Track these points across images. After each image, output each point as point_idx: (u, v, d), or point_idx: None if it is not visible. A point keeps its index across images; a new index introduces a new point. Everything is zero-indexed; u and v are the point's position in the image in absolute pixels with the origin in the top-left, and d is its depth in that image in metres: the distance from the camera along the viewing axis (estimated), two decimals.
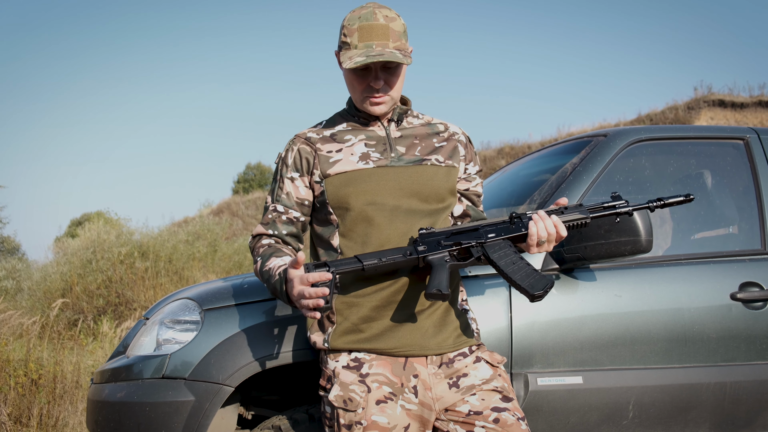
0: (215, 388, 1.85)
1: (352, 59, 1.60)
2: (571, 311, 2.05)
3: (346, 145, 1.72)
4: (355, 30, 1.63)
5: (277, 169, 1.78)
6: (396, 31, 1.64)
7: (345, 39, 1.65)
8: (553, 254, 2.11)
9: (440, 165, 1.73)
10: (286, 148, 1.77)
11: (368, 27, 1.62)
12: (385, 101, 1.69)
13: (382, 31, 1.62)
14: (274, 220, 1.75)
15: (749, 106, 19.72)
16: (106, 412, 1.96)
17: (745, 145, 2.49)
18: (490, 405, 1.60)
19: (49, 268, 9.24)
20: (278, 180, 1.77)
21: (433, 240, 1.61)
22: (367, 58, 1.58)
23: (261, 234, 1.77)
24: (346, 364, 1.62)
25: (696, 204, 2.56)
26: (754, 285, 2.21)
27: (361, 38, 1.62)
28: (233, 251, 10.83)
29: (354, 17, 1.65)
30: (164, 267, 8.60)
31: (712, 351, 2.14)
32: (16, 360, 4.34)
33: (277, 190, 1.77)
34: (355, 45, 1.63)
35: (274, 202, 1.77)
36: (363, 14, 1.65)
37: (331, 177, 1.68)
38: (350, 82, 1.70)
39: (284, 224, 1.75)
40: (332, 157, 1.70)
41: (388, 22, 1.64)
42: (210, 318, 1.94)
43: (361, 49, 1.61)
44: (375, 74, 1.65)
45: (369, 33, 1.62)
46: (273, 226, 1.75)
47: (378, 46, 1.62)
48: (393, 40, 1.63)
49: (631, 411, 2.06)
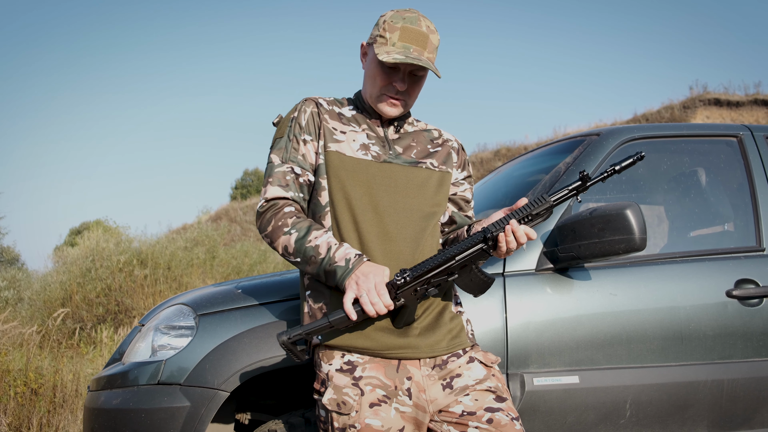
0: (211, 393, 1.85)
1: (390, 54, 1.61)
2: (567, 311, 2.05)
3: (349, 128, 1.71)
4: (398, 29, 1.65)
5: (289, 128, 1.70)
6: (432, 43, 1.68)
7: (383, 33, 1.67)
8: (548, 254, 2.11)
9: (434, 169, 1.74)
10: (298, 108, 1.73)
11: (411, 30, 1.65)
12: (400, 105, 1.70)
13: (422, 39, 1.65)
14: (293, 181, 1.66)
15: (745, 105, 19.77)
16: (102, 420, 1.96)
17: (738, 142, 2.49)
18: (483, 405, 1.60)
19: (49, 277, 9.24)
20: (291, 140, 1.68)
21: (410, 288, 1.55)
22: (405, 58, 1.60)
23: (278, 198, 1.65)
24: (340, 368, 1.61)
25: (691, 202, 2.56)
26: (750, 282, 2.21)
27: (402, 38, 1.64)
28: (232, 257, 10.82)
29: (398, 17, 1.67)
30: (163, 274, 8.60)
31: (709, 349, 2.13)
32: (16, 370, 4.33)
33: (291, 150, 1.67)
34: (393, 42, 1.65)
35: (289, 162, 1.67)
36: (408, 17, 1.67)
37: (332, 153, 1.67)
38: (373, 76, 1.70)
39: (300, 188, 1.67)
40: (336, 134, 1.69)
41: (428, 33, 1.67)
42: (204, 323, 1.94)
43: (399, 48, 1.64)
44: (402, 76, 1.67)
45: (410, 36, 1.65)
46: (293, 188, 1.65)
47: (415, 51, 1.64)
48: (429, 51, 1.66)
49: (628, 410, 2.05)
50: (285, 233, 1.60)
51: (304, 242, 1.58)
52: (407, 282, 1.52)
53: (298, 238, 1.59)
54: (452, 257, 1.57)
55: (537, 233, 2.12)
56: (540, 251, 2.11)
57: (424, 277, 1.55)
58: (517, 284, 2.05)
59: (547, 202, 1.60)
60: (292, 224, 1.61)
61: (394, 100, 1.69)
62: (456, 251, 1.57)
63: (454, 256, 1.57)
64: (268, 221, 1.64)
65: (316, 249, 1.57)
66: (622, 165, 1.64)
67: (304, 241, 1.58)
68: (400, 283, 1.52)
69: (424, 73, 1.70)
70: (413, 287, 1.54)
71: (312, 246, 1.57)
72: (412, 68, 1.66)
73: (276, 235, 1.62)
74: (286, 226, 1.61)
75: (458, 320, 1.71)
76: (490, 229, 1.59)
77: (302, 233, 1.59)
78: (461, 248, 1.58)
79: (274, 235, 1.62)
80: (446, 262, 1.57)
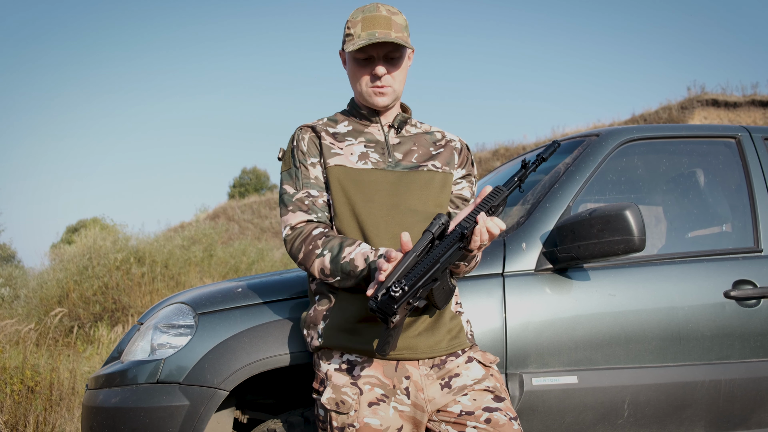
0: (210, 392, 1.85)
1: (355, 43, 1.64)
2: (566, 311, 2.06)
3: (345, 144, 1.74)
4: (359, 21, 1.68)
5: (293, 158, 1.73)
6: (398, 23, 1.69)
7: (348, 31, 1.70)
8: (547, 254, 2.11)
9: (437, 170, 1.75)
10: (296, 137, 1.76)
11: (371, 17, 1.68)
12: (387, 92, 1.71)
13: (384, 21, 1.67)
14: (313, 204, 1.68)
15: (742, 106, 19.81)
16: (100, 418, 1.95)
17: (737, 143, 2.50)
18: (481, 405, 1.60)
19: (46, 275, 9.22)
20: (299, 167, 1.71)
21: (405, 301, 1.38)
22: (369, 40, 1.62)
23: (304, 222, 1.66)
24: (338, 367, 1.61)
25: (689, 202, 2.57)
26: (748, 283, 2.22)
27: (365, 27, 1.67)
28: (230, 255, 10.82)
29: (357, 12, 1.72)
30: (160, 272, 8.59)
31: (707, 349, 2.14)
32: (12, 367, 4.33)
33: (303, 178, 1.70)
34: (359, 34, 1.67)
35: (303, 188, 1.69)
36: (366, 8, 1.71)
37: (332, 167, 1.69)
38: (354, 74, 1.72)
39: (322, 208, 1.68)
40: (333, 149, 1.72)
41: (390, 15, 1.69)
42: (204, 322, 1.94)
43: (365, 37, 1.66)
44: (378, 62, 1.69)
45: (372, 23, 1.67)
46: (315, 210, 1.67)
47: (381, 34, 1.66)
48: (395, 30, 1.68)
49: (626, 410, 2.06)
50: (318, 255, 1.60)
51: (339, 259, 1.57)
52: (405, 292, 1.35)
53: (333, 258, 1.58)
54: (437, 260, 1.43)
55: (536, 233, 2.13)
56: (539, 251, 2.11)
57: (416, 285, 1.39)
58: (517, 284, 2.05)
59: (503, 192, 1.54)
60: (323, 244, 1.60)
61: (381, 88, 1.71)
62: (439, 253, 1.44)
63: (439, 258, 1.43)
64: (298, 248, 1.64)
65: (353, 263, 1.55)
66: (549, 153, 1.68)
67: (339, 259, 1.57)
68: (399, 295, 1.34)
69: (401, 54, 1.70)
70: (408, 299, 1.38)
71: (348, 261, 1.56)
72: (384, 51, 1.68)
73: (309, 259, 1.62)
74: (317, 248, 1.60)
75: (458, 320, 1.72)
76: (464, 225, 1.47)
77: (335, 252, 1.58)
78: (442, 249, 1.45)
79: (307, 261, 1.62)
80: (433, 265, 1.42)
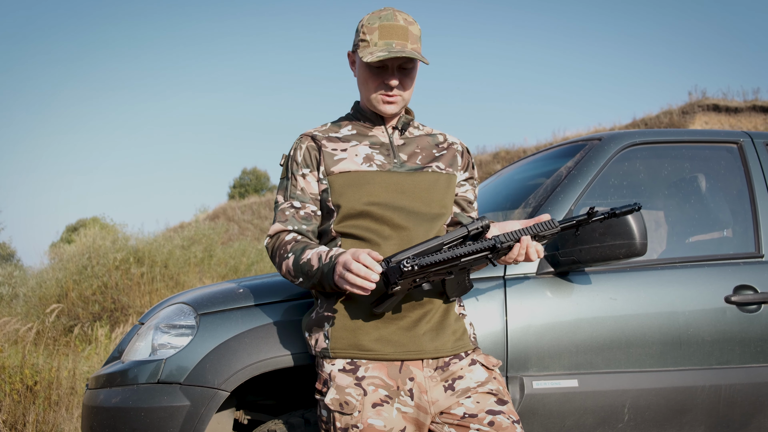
0: (210, 392, 1.85)
1: (374, 54, 1.64)
2: (567, 314, 2.06)
3: (350, 145, 1.74)
4: (376, 29, 1.68)
5: (287, 168, 1.78)
6: (414, 34, 1.70)
7: (364, 37, 1.70)
8: (548, 257, 2.11)
9: (441, 172, 1.76)
10: (294, 146, 1.79)
11: (389, 27, 1.68)
12: (397, 101, 1.72)
13: (402, 32, 1.68)
14: (292, 216, 1.73)
15: (743, 111, 19.84)
16: (101, 418, 1.95)
17: (738, 148, 2.50)
18: (485, 408, 1.60)
19: (45, 274, 9.22)
20: (290, 178, 1.76)
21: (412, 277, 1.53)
22: (389, 53, 1.62)
23: (280, 231, 1.73)
24: (342, 368, 1.62)
25: (691, 207, 2.57)
26: (748, 288, 2.22)
27: (382, 36, 1.67)
28: (229, 256, 10.82)
29: (374, 17, 1.70)
30: (160, 272, 8.59)
31: (707, 354, 2.14)
32: (11, 367, 4.32)
33: (290, 188, 1.75)
34: (375, 42, 1.67)
35: (289, 199, 1.75)
36: (383, 15, 1.70)
37: (335, 175, 1.70)
38: (365, 80, 1.73)
39: (302, 219, 1.73)
40: (336, 155, 1.73)
41: (407, 25, 1.70)
42: (205, 322, 1.94)
43: (382, 46, 1.66)
44: (392, 72, 1.69)
45: (389, 32, 1.67)
46: (292, 221, 1.73)
47: (398, 45, 1.66)
48: (411, 42, 1.69)
49: (626, 414, 2.06)
50: (285, 258, 1.68)
51: (299, 260, 1.64)
52: (413, 271, 1.49)
53: (295, 260, 1.65)
54: (458, 257, 1.56)
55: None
56: None
57: (428, 270, 1.53)
58: (518, 287, 2.05)
59: (555, 228, 1.70)
60: (291, 249, 1.68)
61: (390, 98, 1.71)
62: (463, 252, 1.57)
63: (460, 256, 1.56)
64: (273, 254, 1.74)
65: (309, 263, 1.62)
66: (622, 210, 1.86)
67: (299, 260, 1.64)
68: (407, 270, 1.48)
69: (413, 65, 1.72)
70: (414, 277, 1.52)
71: (305, 261, 1.62)
72: (399, 62, 1.69)
73: (280, 263, 1.70)
74: (286, 252, 1.68)
75: (461, 322, 1.73)
76: (501, 239, 1.62)
77: (298, 254, 1.65)
78: (468, 250, 1.58)
79: (280, 265, 1.71)
80: (452, 260, 1.55)
